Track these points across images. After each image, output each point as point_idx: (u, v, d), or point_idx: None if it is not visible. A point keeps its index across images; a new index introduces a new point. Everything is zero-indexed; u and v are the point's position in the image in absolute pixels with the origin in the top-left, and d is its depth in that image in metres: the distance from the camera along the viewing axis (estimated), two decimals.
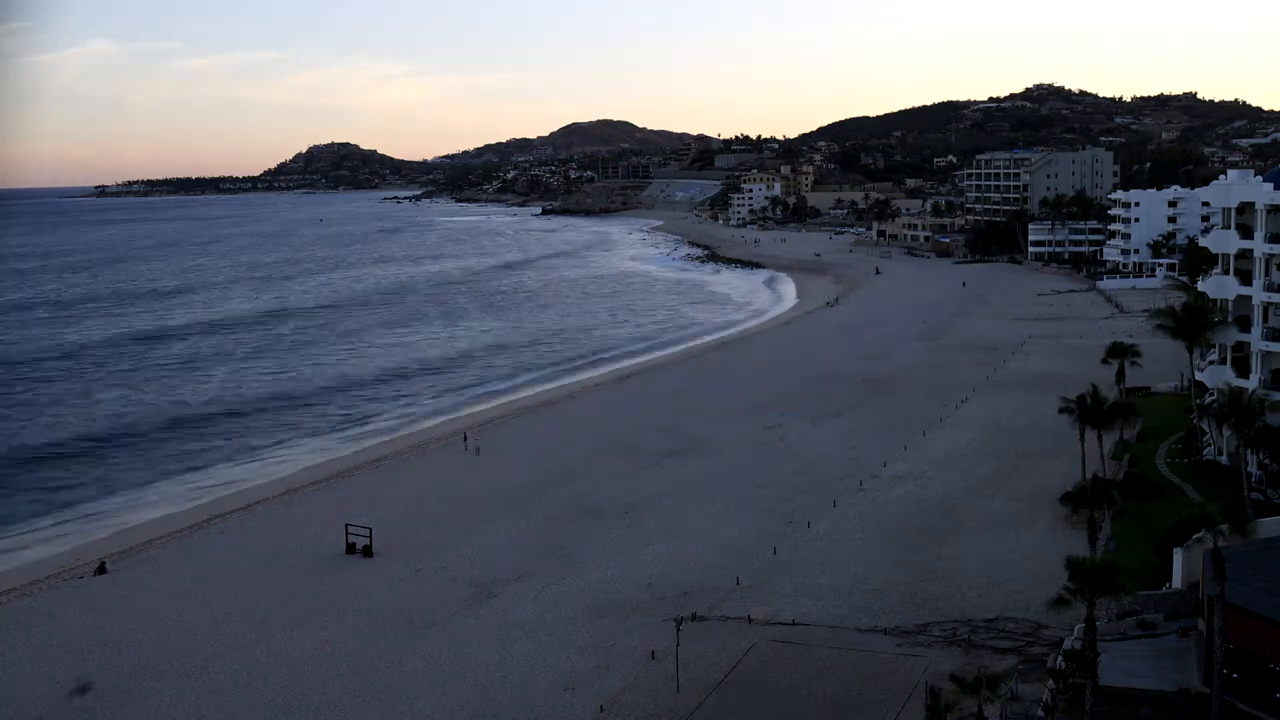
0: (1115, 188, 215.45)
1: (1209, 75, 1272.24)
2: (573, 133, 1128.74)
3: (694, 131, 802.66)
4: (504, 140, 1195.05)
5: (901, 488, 72.09)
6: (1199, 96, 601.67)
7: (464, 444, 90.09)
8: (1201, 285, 75.57)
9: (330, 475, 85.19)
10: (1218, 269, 72.22)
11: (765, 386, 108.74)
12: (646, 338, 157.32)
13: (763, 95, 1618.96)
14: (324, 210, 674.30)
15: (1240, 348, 69.13)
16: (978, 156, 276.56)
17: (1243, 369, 68.48)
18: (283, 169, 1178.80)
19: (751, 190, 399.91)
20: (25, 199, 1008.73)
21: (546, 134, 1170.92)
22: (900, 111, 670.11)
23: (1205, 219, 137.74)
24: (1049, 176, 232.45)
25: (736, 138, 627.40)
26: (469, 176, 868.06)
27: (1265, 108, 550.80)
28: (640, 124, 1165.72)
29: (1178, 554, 46.47)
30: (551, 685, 46.65)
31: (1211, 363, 71.52)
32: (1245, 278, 68.19)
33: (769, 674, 46.15)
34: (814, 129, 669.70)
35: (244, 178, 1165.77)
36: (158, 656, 51.40)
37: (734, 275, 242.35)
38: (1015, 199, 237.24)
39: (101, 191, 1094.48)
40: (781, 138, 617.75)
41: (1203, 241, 78.23)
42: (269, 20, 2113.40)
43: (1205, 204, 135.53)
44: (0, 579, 64.35)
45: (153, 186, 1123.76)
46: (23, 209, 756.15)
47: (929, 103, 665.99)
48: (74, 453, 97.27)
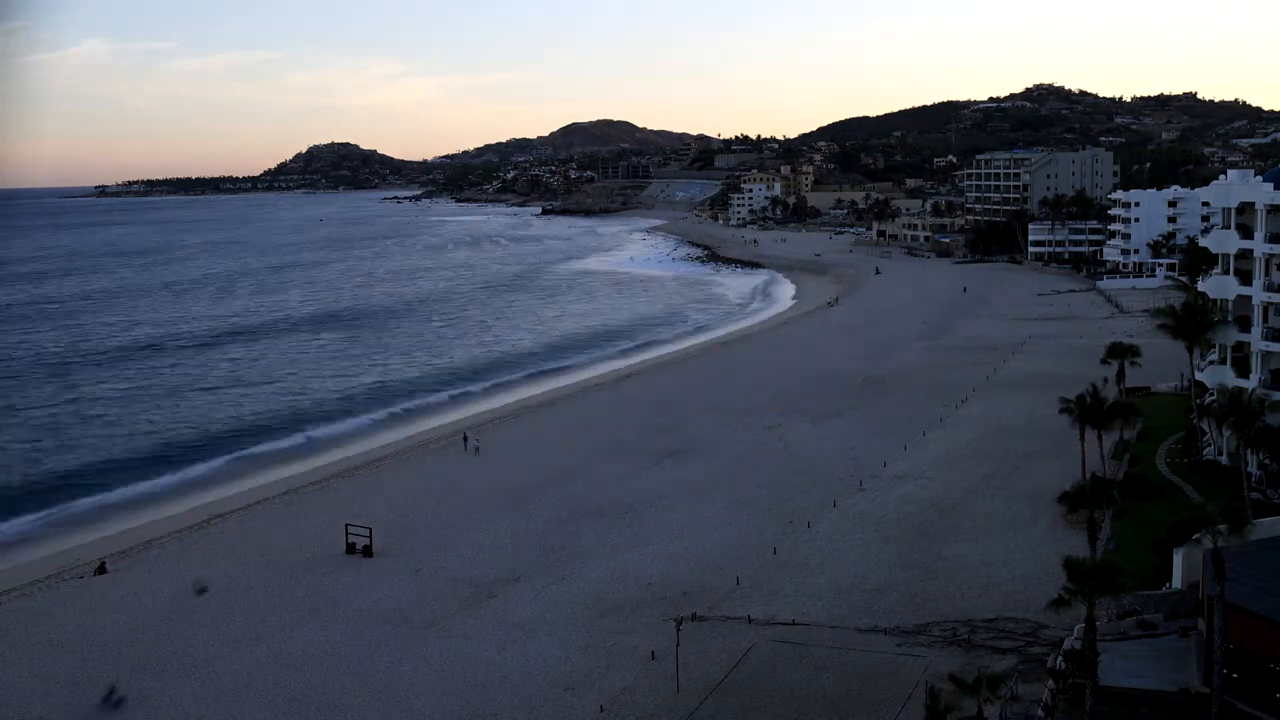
0: (1115, 188, 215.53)
1: (1209, 75, 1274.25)
2: (573, 133, 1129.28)
3: (694, 131, 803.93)
4: (504, 140, 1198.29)
5: (901, 488, 72.08)
6: (1199, 96, 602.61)
7: (464, 444, 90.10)
8: (1201, 285, 75.54)
9: (330, 475, 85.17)
10: (1218, 269, 72.17)
11: (765, 386, 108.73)
12: (645, 338, 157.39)
13: (763, 95, 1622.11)
14: (322, 210, 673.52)
15: (1240, 348, 69.10)
16: (978, 156, 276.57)
17: (1243, 369, 68.46)
18: (283, 169, 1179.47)
19: (751, 190, 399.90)
20: (25, 199, 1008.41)
21: (546, 134, 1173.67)
22: (900, 111, 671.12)
23: (1205, 219, 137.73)
24: (1049, 176, 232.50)
25: (736, 138, 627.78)
26: (469, 176, 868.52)
27: (1265, 108, 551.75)
28: (640, 124, 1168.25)
29: (1178, 554, 46.46)
30: (551, 685, 46.66)
31: (1211, 363, 71.50)
32: (1245, 278, 68.17)
33: (769, 674, 46.14)
34: (814, 129, 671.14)
35: (244, 178, 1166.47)
36: (158, 656, 51.40)
37: (734, 275, 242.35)
38: (1015, 199, 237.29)
39: (101, 191, 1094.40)
40: (781, 138, 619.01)
41: (1203, 241, 78.20)
42: (267, 20, 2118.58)
43: (1205, 204, 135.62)
44: (0, 579, 64.35)
45: (152, 186, 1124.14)
46: (7, 210, 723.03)
47: (929, 103, 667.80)
48: (74, 452, 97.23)
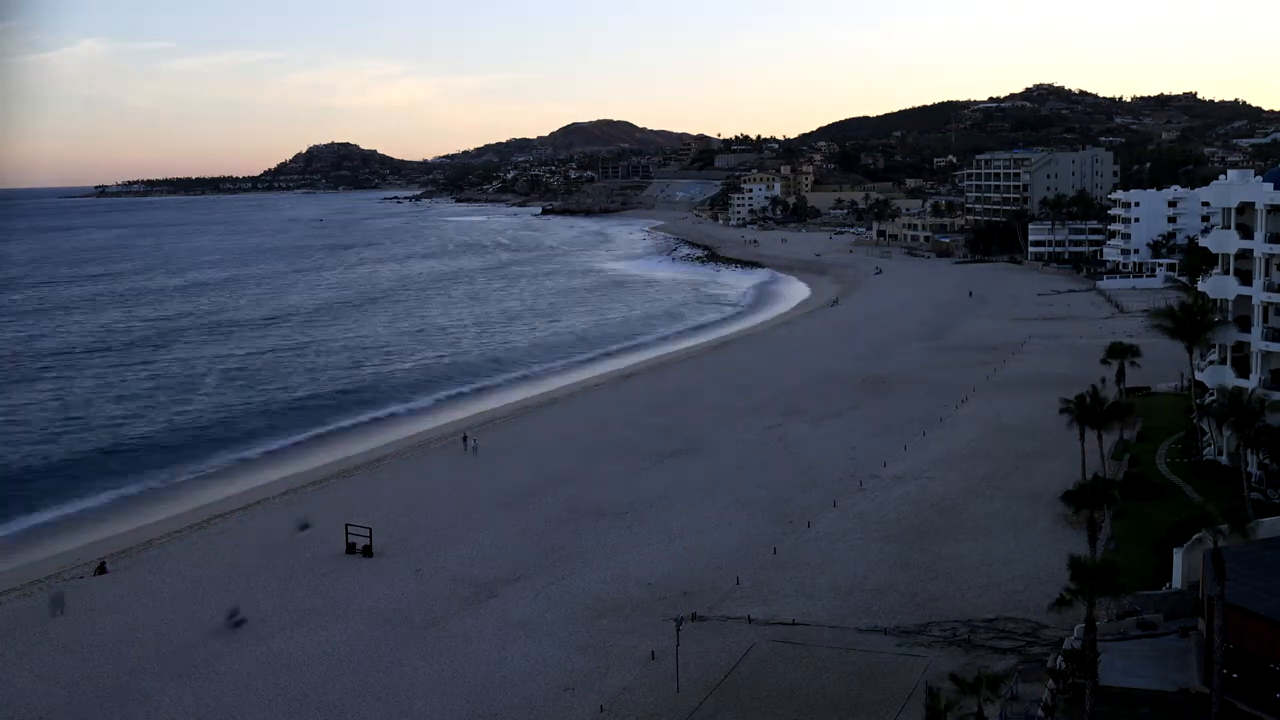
0: (1115, 188, 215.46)
1: (1209, 75, 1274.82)
2: (573, 133, 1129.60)
3: (694, 131, 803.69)
4: (504, 140, 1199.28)
5: (901, 488, 72.05)
6: (1199, 96, 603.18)
7: (464, 444, 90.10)
8: (1201, 285, 75.51)
9: (330, 475, 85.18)
10: (1218, 269, 72.17)
11: (765, 386, 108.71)
12: (645, 338, 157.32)
13: (763, 95, 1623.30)
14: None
15: (1240, 348, 69.10)
16: (978, 156, 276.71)
17: (1243, 369, 68.47)
18: (283, 169, 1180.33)
19: (751, 190, 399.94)
20: (25, 199, 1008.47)
21: (546, 134, 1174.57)
22: (900, 111, 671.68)
23: (1205, 219, 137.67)
24: (1049, 176, 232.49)
25: (736, 138, 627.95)
26: (469, 176, 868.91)
27: (1265, 108, 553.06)
28: (640, 124, 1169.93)
29: (1178, 554, 46.46)
30: (551, 685, 46.64)
31: (1211, 363, 71.51)
32: (1245, 278, 68.19)
33: (769, 674, 46.14)
34: (814, 129, 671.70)
35: (244, 178, 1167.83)
36: (158, 656, 51.40)
37: (734, 275, 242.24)
38: (1015, 199, 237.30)
39: (101, 191, 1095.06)
40: (781, 138, 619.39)
41: (1203, 241, 78.16)
42: (264, 21, 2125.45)
43: (1205, 204, 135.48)
44: (0, 579, 64.36)
45: (152, 187, 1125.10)
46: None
47: (929, 103, 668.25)
48: (74, 452, 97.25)
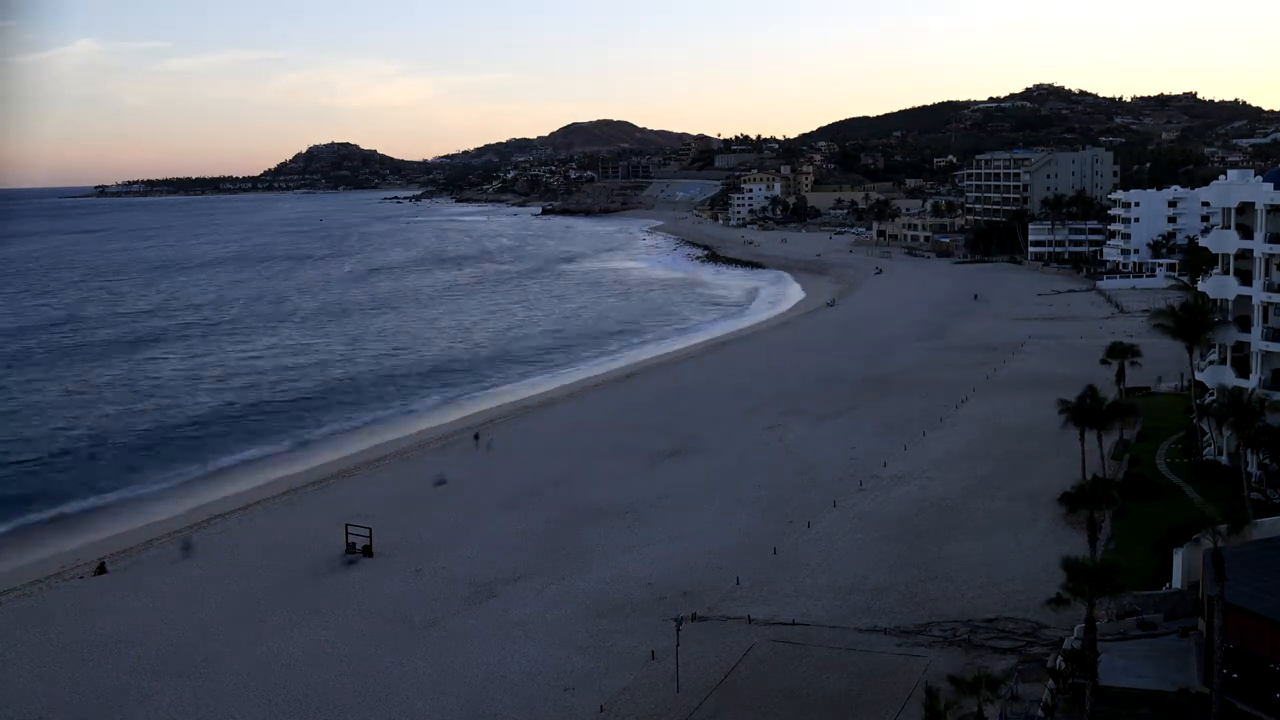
0: (1115, 188, 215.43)
1: (1209, 75, 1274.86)
2: (573, 133, 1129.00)
3: (694, 131, 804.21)
4: (504, 140, 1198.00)
5: (901, 488, 72.04)
6: (1199, 96, 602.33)
7: (475, 442, 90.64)
8: (1201, 285, 75.52)
9: (330, 475, 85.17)
10: (1218, 269, 72.16)
11: (765, 386, 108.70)
12: (645, 338, 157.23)
13: (763, 95, 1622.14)
14: (321, 210, 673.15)
15: (1240, 348, 69.06)
16: (978, 156, 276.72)
17: (1243, 369, 68.44)
18: (283, 169, 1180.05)
19: (751, 190, 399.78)
20: (25, 199, 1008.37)
21: (546, 134, 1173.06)
22: (900, 111, 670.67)
23: (1205, 219, 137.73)
24: (1049, 176, 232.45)
25: (736, 138, 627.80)
26: (469, 176, 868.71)
27: (1265, 108, 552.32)
28: (640, 124, 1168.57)
29: (1178, 554, 46.42)
30: (551, 685, 46.64)
31: (1211, 363, 71.50)
32: (1245, 278, 68.15)
33: (769, 674, 46.15)
34: (814, 129, 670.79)
35: (244, 178, 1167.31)
36: (158, 656, 51.40)
37: (734, 275, 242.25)
38: (1015, 199, 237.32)
39: (101, 191, 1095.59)
40: (781, 138, 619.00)
41: (1203, 241, 78.17)
42: (261, 21, 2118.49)
43: (1205, 204, 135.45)
44: (0, 579, 64.35)
45: (152, 186, 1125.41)
46: None
47: (929, 103, 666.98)
48: (74, 453, 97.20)
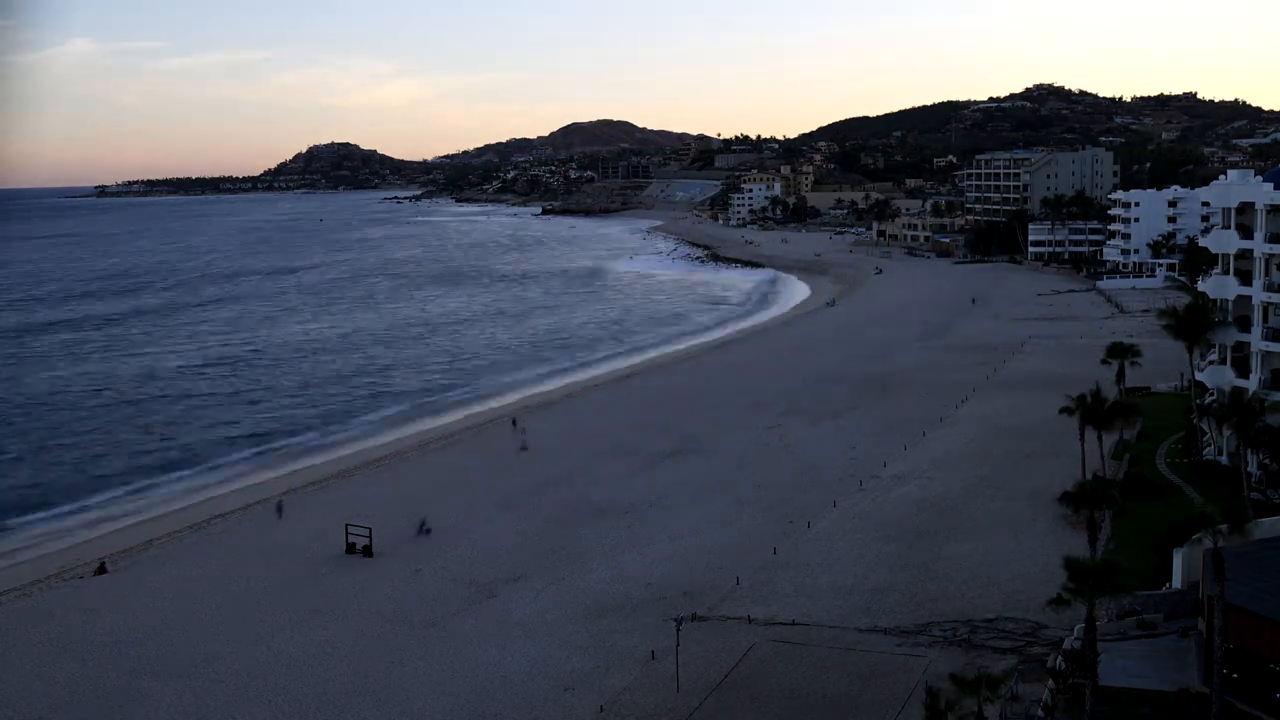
0: (1115, 188, 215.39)
1: (1209, 75, 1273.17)
2: (573, 133, 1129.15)
3: (694, 131, 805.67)
4: (504, 140, 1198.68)
5: (901, 488, 72.04)
6: (1199, 96, 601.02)
7: (513, 427, 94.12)
8: (1201, 285, 75.54)
9: (330, 475, 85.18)
10: (1218, 269, 72.16)
11: (765, 386, 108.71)
12: (645, 338, 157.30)
13: (763, 95, 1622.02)
14: (322, 210, 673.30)
15: (1240, 348, 69.06)
16: (978, 156, 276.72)
17: (1243, 369, 68.44)
18: (283, 169, 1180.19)
19: (751, 190, 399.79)
20: (25, 199, 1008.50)
21: (546, 134, 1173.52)
22: (900, 111, 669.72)
23: (1205, 219, 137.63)
24: (1049, 176, 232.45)
25: (736, 138, 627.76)
26: (469, 176, 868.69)
27: (1265, 108, 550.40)
28: (640, 124, 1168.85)
29: (1178, 554, 46.42)
30: (551, 685, 46.64)
31: (1211, 363, 71.51)
32: (1245, 278, 68.16)
33: (769, 674, 46.13)
34: (814, 129, 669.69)
35: (244, 178, 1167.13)
36: (158, 656, 51.40)
37: (734, 275, 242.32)
38: (1015, 199, 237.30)
39: (101, 192, 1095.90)
40: (781, 138, 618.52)
41: (1203, 241, 78.18)
42: (258, 20, 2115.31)
43: (1205, 204, 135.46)
44: (0, 579, 64.36)
45: (152, 186, 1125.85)
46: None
47: (929, 103, 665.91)
48: (74, 452, 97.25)
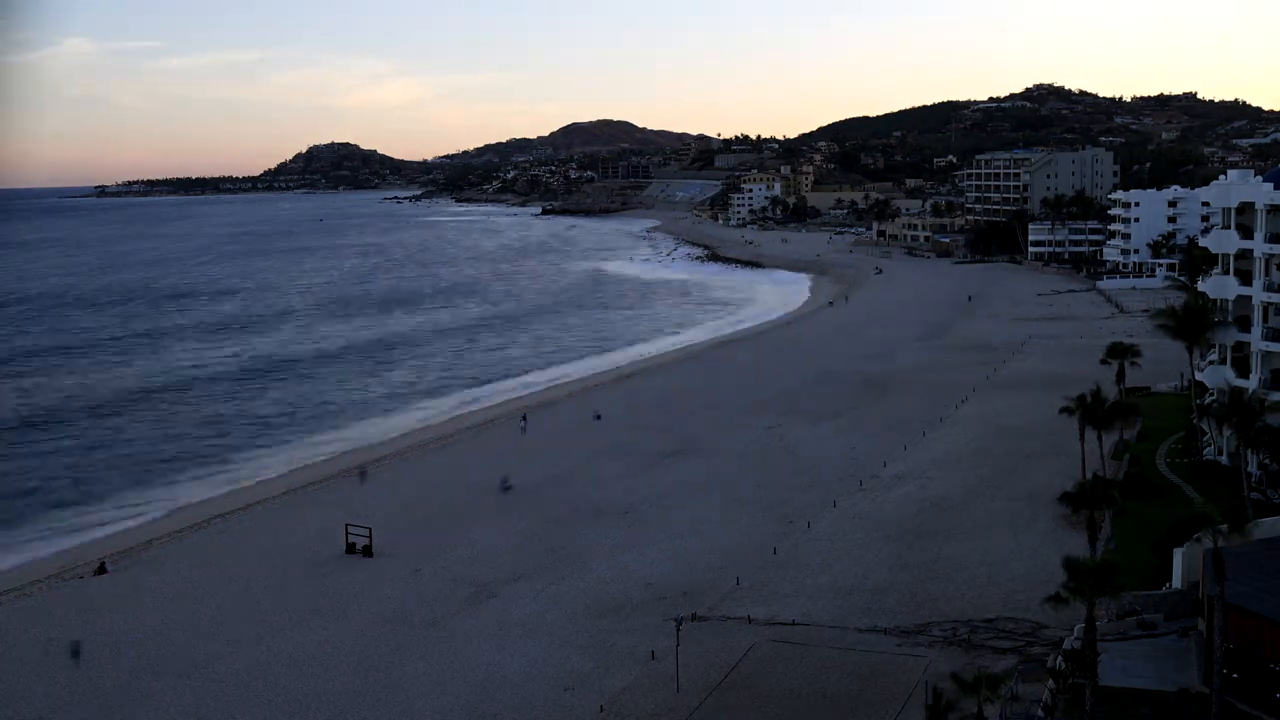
0: (1115, 188, 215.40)
1: (1209, 75, 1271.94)
2: (573, 133, 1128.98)
3: (694, 131, 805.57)
4: (504, 140, 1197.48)
5: (901, 488, 72.05)
6: (1199, 96, 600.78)
7: (521, 422, 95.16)
8: (1201, 285, 75.53)
9: (330, 475, 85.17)
10: (1218, 269, 72.18)
11: (765, 386, 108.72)
12: (644, 338, 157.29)
13: (763, 95, 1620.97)
14: (323, 210, 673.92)
15: (1240, 348, 69.06)
16: (978, 156, 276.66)
17: (1243, 369, 68.45)
18: (283, 169, 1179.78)
19: (751, 190, 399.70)
20: (25, 199, 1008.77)
21: (546, 134, 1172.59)
22: (900, 111, 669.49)
23: (1205, 219, 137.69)
24: (1049, 176, 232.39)
25: (736, 138, 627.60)
26: (469, 176, 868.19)
27: (1265, 108, 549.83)
28: (640, 124, 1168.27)
29: (1178, 554, 46.44)
30: (551, 685, 46.65)
31: (1211, 363, 71.52)
32: (1245, 278, 68.15)
33: (769, 674, 46.14)
34: (814, 129, 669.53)
35: (244, 178, 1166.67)
36: (158, 656, 51.41)
37: (734, 275, 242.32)
38: (1015, 199, 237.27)
39: (101, 192, 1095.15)
40: (781, 138, 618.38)
41: (1203, 241, 78.19)
42: (256, 20, 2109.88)
43: (1205, 204, 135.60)
44: (0, 579, 64.36)
45: (153, 187, 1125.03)
46: None
47: (929, 103, 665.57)
48: (73, 452, 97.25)
